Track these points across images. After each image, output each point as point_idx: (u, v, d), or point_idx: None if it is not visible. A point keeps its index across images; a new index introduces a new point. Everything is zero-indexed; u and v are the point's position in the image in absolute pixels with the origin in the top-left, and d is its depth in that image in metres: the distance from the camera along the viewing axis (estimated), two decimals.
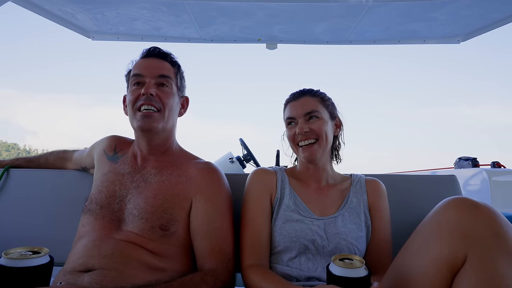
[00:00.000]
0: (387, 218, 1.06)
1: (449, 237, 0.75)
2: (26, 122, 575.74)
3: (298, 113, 1.05)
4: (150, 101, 0.97)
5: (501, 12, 1.89)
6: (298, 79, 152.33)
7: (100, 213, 0.95)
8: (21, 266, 0.63)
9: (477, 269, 0.71)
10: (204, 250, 0.94)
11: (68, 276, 0.84)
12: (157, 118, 0.98)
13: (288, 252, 0.98)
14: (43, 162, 1.35)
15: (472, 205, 0.77)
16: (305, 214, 1.01)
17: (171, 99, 1.01)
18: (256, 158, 2.41)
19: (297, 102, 1.07)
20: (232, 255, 0.97)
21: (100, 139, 1.18)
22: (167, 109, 0.99)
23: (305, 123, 1.03)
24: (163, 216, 0.92)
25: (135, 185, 0.98)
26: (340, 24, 2.07)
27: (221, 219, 0.98)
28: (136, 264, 0.86)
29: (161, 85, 1.00)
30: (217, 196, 1.00)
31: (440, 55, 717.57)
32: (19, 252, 0.67)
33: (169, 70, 1.04)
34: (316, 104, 1.05)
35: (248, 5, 1.82)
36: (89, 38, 2.30)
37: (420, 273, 0.77)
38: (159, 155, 1.04)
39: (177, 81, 1.06)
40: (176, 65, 1.08)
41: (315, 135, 1.02)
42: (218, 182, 1.02)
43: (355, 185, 1.08)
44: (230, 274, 0.94)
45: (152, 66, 1.01)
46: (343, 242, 0.96)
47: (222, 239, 0.96)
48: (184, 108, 1.12)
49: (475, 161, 2.67)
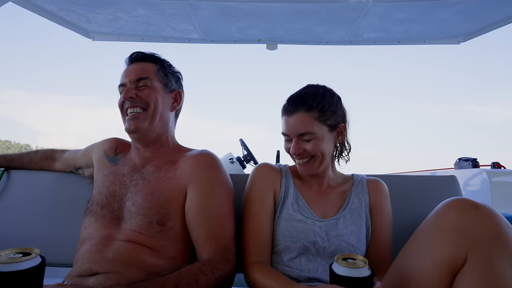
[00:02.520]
0: (388, 219, 1.05)
1: (450, 238, 0.75)
2: (37, 123, 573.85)
3: (291, 132, 0.99)
4: (134, 103, 1.00)
5: (501, 13, 1.89)
6: (306, 79, 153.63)
7: (101, 213, 0.96)
8: (10, 271, 0.59)
9: (478, 270, 0.71)
10: (200, 240, 0.93)
11: (75, 279, 0.88)
12: (143, 117, 1.00)
13: (288, 252, 0.97)
14: (26, 161, 1.29)
15: (472, 206, 0.77)
16: (308, 215, 1.00)
17: (153, 96, 1.02)
18: (256, 159, 2.41)
19: (291, 119, 0.98)
20: (230, 243, 0.94)
21: (99, 140, 1.18)
22: (151, 106, 1.01)
23: (300, 143, 0.98)
24: (159, 211, 0.92)
25: (134, 184, 0.98)
26: (341, 24, 2.07)
27: (217, 206, 0.95)
28: (138, 266, 0.87)
29: (142, 86, 1.02)
30: (211, 183, 0.97)
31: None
32: (7, 255, 0.62)
33: (148, 71, 1.04)
34: (311, 123, 0.96)
35: (248, 5, 1.82)
36: (89, 39, 2.30)
37: (420, 274, 0.77)
38: (156, 151, 1.05)
39: (160, 77, 1.05)
40: (159, 61, 1.08)
41: (309, 155, 0.99)
42: (212, 167, 1.00)
43: (356, 186, 1.08)
44: (229, 263, 0.91)
45: (130, 73, 1.03)
46: (344, 244, 0.96)
47: (219, 227, 0.93)
48: (177, 101, 1.10)
49: (475, 162, 2.67)
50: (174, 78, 1.10)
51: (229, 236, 0.95)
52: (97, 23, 2.12)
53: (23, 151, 1.33)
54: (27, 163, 1.29)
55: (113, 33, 2.26)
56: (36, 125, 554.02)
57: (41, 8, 1.89)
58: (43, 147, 1.31)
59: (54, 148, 1.31)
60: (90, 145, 1.19)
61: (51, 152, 1.29)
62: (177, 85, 1.11)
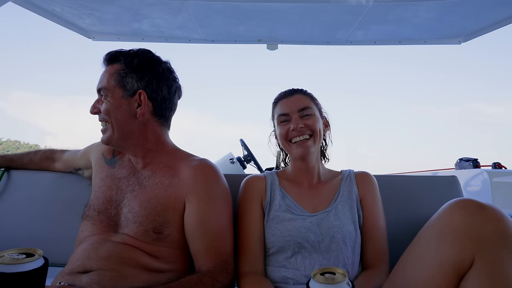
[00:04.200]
0: (379, 208, 1.06)
1: (455, 240, 0.73)
2: (45, 123, 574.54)
3: (291, 109, 1.05)
4: (99, 118, 0.98)
5: (501, 13, 1.89)
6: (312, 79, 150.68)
7: (98, 219, 0.95)
8: (13, 272, 0.57)
9: (485, 273, 0.68)
10: (200, 252, 0.92)
11: (67, 277, 0.84)
12: (106, 130, 0.97)
13: (283, 252, 0.97)
14: (26, 162, 1.28)
15: (478, 206, 0.74)
16: (297, 212, 1.01)
17: (107, 107, 0.94)
18: (257, 159, 2.40)
19: (290, 100, 1.07)
20: (230, 256, 0.95)
21: (97, 141, 1.14)
22: (108, 118, 0.95)
23: (300, 119, 1.04)
24: (156, 219, 0.91)
25: (131, 189, 0.97)
26: (341, 24, 2.07)
27: (216, 219, 0.94)
28: (133, 265, 0.86)
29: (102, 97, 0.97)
30: (211, 195, 0.95)
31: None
32: (10, 255, 0.61)
33: (104, 79, 0.96)
34: (308, 101, 1.07)
35: (248, 6, 1.82)
36: (90, 39, 2.30)
37: (425, 278, 0.75)
38: (148, 155, 1.00)
39: (118, 82, 0.95)
40: (120, 61, 0.96)
41: (309, 131, 1.03)
42: (212, 180, 0.97)
43: (345, 180, 1.09)
44: (229, 275, 0.92)
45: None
46: (337, 236, 0.96)
47: (219, 240, 0.93)
48: (143, 104, 0.95)
49: (476, 162, 2.67)
50: (135, 76, 0.95)
51: (229, 249, 0.95)
52: (97, 23, 2.12)
53: (24, 152, 1.32)
54: (27, 163, 1.29)
55: (113, 33, 2.26)
56: (44, 125, 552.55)
57: (41, 8, 1.89)
58: (51, 147, 1.30)
59: (54, 148, 1.30)
60: (89, 146, 1.18)
61: (50, 153, 1.28)
62: (140, 84, 0.96)
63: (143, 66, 0.97)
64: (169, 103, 1.02)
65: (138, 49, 1.00)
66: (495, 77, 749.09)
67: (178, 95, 1.06)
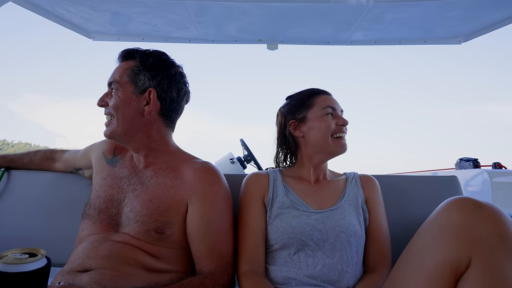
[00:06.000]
0: (383, 211, 1.07)
1: (452, 239, 0.72)
2: (55, 126, 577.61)
3: (337, 106, 1.09)
4: (105, 111, 1.00)
5: (502, 13, 1.89)
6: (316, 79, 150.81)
7: (98, 218, 0.95)
8: (16, 272, 0.57)
9: (482, 273, 0.67)
10: (202, 254, 0.93)
11: (66, 276, 0.84)
12: (111, 124, 0.98)
13: (286, 249, 0.96)
14: (26, 162, 1.28)
15: (476, 205, 0.73)
16: (302, 208, 1.00)
17: (116, 102, 0.95)
18: (257, 159, 2.40)
19: (332, 98, 1.11)
20: (231, 259, 0.95)
21: (98, 141, 1.15)
22: (115, 112, 0.96)
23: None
24: (158, 219, 0.91)
25: (132, 188, 0.97)
26: (341, 24, 2.07)
27: (218, 222, 0.95)
28: (134, 264, 0.86)
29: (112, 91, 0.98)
30: (214, 198, 0.96)
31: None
32: (13, 255, 0.61)
33: (117, 73, 0.98)
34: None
35: (248, 5, 1.82)
36: (90, 39, 2.30)
37: (422, 278, 0.74)
38: (150, 154, 1.00)
39: (130, 78, 0.96)
40: (136, 58, 0.98)
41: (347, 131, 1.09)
42: (215, 183, 0.98)
43: (350, 181, 1.10)
44: (230, 278, 0.92)
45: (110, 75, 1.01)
46: (342, 235, 0.95)
47: (220, 243, 0.94)
48: (152, 102, 0.96)
49: (476, 162, 2.67)
50: (148, 74, 0.97)
51: (230, 252, 0.96)
52: (97, 23, 2.12)
53: (24, 152, 1.32)
54: (27, 163, 1.29)
55: (113, 33, 2.26)
56: (54, 127, 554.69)
57: (41, 8, 1.89)
58: (62, 149, 1.30)
59: (54, 148, 1.30)
60: (89, 146, 1.17)
61: (51, 153, 1.28)
62: (152, 83, 0.97)
63: (157, 65, 0.98)
64: (177, 106, 1.03)
65: (154, 50, 1.02)
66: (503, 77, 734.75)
67: (186, 99, 1.07)
